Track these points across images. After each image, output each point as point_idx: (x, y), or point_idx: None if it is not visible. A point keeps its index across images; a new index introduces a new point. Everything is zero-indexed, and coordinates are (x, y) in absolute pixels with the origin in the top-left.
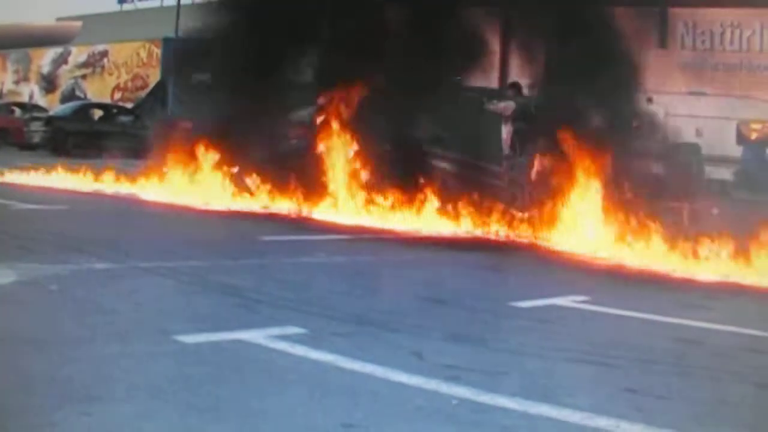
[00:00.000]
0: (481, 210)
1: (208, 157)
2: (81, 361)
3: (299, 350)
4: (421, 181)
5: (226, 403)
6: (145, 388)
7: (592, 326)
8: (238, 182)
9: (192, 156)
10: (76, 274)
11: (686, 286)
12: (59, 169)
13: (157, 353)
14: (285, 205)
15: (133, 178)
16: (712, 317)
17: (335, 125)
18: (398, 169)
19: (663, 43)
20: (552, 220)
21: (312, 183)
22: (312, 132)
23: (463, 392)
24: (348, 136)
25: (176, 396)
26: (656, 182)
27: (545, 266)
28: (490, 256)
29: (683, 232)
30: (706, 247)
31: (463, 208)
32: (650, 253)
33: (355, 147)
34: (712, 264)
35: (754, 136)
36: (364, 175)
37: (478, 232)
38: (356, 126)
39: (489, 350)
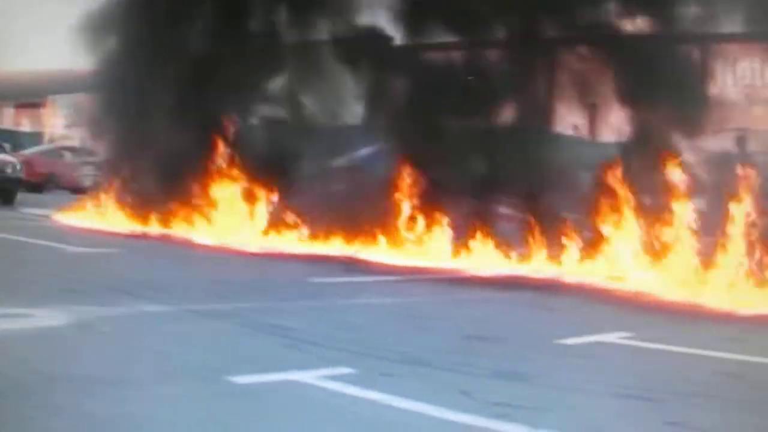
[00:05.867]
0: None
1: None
2: (134, 401)
3: (351, 390)
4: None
5: None
6: (200, 428)
7: (637, 362)
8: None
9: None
10: (128, 316)
11: (726, 319)
12: (111, 211)
13: (210, 394)
14: (334, 247)
15: (181, 219)
16: (752, 350)
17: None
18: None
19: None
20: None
21: (360, 224)
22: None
23: (512, 429)
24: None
25: None
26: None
27: (589, 303)
28: (535, 294)
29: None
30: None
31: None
32: (692, 286)
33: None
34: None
35: None
36: (411, 215)
37: (522, 270)
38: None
39: (536, 387)
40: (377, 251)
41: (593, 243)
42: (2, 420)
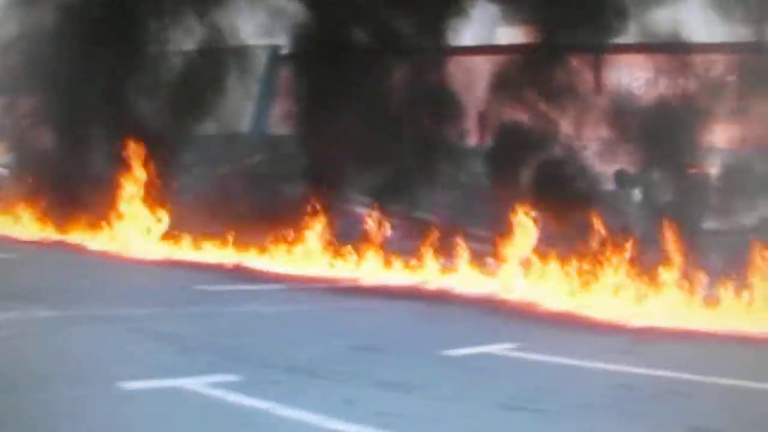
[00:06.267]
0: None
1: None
2: (23, 405)
3: (234, 397)
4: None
5: None
6: None
7: (523, 373)
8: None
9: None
10: (19, 321)
11: (615, 330)
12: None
13: (97, 398)
14: (224, 255)
15: (80, 226)
16: (642, 362)
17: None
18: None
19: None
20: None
21: (250, 232)
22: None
23: None
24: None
25: None
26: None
27: (479, 314)
28: (424, 304)
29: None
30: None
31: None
32: (585, 297)
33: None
34: (644, 308)
35: None
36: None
37: (413, 280)
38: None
39: (420, 398)
40: (267, 259)
41: (486, 254)
42: None
